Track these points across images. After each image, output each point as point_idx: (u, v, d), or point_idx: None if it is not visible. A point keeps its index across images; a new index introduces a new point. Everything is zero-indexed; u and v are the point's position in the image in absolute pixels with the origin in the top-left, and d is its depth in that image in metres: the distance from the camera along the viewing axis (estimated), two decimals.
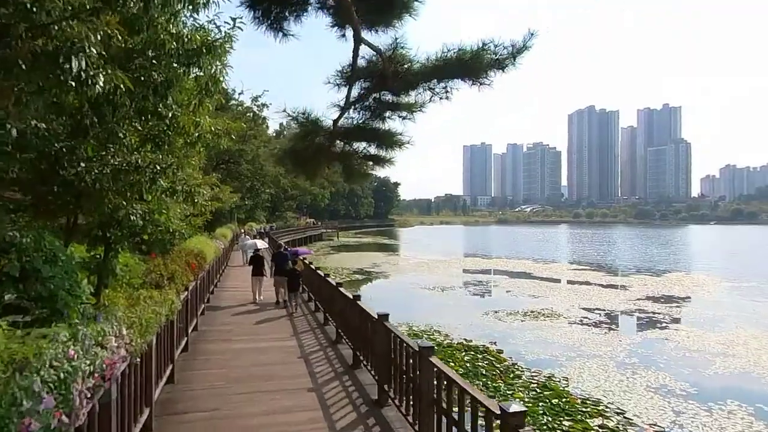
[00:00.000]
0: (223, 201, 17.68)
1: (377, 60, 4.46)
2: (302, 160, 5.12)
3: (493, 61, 4.35)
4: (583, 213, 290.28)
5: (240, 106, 32.78)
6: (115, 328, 3.67)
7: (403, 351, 5.05)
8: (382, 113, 4.86)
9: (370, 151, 5.14)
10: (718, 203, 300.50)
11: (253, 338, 8.57)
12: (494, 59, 4.34)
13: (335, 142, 5.05)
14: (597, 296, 22.36)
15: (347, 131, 4.92)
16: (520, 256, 45.91)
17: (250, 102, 32.36)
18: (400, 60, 4.41)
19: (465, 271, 32.64)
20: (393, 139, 4.92)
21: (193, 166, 13.63)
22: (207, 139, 8.51)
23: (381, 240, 75.03)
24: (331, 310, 9.44)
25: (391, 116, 4.94)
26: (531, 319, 17.37)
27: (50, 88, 3.92)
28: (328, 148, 5.00)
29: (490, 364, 11.97)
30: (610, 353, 13.13)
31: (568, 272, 32.04)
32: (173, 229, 10.30)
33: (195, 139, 8.07)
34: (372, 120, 4.94)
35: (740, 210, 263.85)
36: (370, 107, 4.89)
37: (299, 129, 4.95)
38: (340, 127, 4.87)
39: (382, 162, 5.12)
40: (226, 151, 29.48)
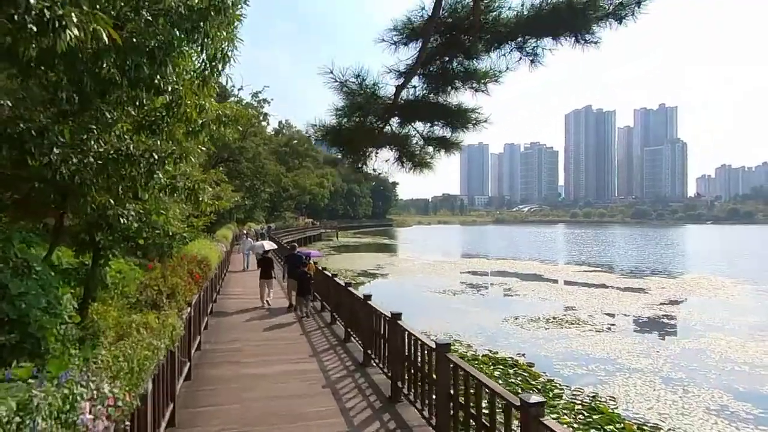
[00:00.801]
0: (224, 200, 16.45)
1: (459, 6, 3.29)
2: (347, 141, 3.93)
3: (615, 6, 3.17)
4: (580, 213, 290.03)
5: (239, 103, 31.55)
6: (93, 385, 2.46)
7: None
8: (450, 83, 3.68)
9: (435, 132, 3.96)
10: (715, 203, 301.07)
11: (266, 360, 7.34)
12: (617, 3, 3.16)
13: (390, 119, 3.86)
14: (617, 300, 21.24)
15: (410, 105, 3.72)
16: (526, 257, 44.81)
17: (251, 98, 31.06)
18: (490, 4, 3.24)
19: (473, 273, 31.47)
20: (468, 116, 3.74)
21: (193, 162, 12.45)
22: (212, 129, 7.31)
23: (381, 240, 73.84)
24: (356, 326, 8.25)
25: (460, 87, 3.76)
26: (555, 326, 16.22)
27: None
28: (380, 130, 3.83)
29: (524, 380, 10.80)
30: (651, 366, 11.99)
31: (579, 274, 30.94)
32: (173, 233, 9.06)
33: (198, 127, 6.86)
34: (436, 93, 3.77)
35: (736, 210, 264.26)
36: (435, 75, 3.70)
37: (346, 100, 3.75)
38: (401, 100, 3.67)
39: (450, 147, 3.95)
40: (225, 148, 28.21)
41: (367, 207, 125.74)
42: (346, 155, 4.07)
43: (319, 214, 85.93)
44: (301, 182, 47.08)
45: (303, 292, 11.61)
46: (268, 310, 12.08)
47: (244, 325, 10.06)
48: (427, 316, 17.40)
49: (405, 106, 3.71)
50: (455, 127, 3.82)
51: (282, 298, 13.38)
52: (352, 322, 8.48)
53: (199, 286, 6.93)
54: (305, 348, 8.16)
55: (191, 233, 10.34)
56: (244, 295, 14.01)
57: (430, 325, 15.77)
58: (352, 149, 4.02)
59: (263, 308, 12.28)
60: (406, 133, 4.01)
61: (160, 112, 6.34)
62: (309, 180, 50.35)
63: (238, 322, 10.26)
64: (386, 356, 6.31)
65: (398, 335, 5.75)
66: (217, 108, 7.04)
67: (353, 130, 3.76)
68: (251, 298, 13.56)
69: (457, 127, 3.80)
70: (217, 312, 11.33)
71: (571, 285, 25.96)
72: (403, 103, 3.68)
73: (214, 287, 11.82)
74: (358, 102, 3.62)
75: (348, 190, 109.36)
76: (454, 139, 3.90)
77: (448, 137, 3.92)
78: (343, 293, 9.38)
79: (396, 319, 5.89)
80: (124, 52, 4.51)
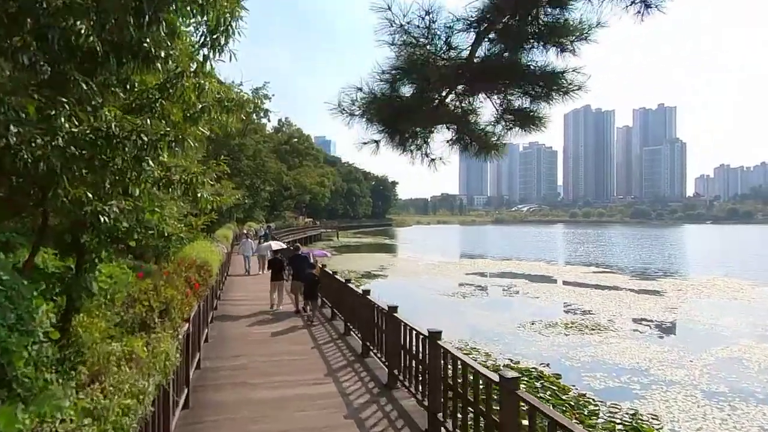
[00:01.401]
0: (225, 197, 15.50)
1: None
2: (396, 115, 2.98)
3: None
4: (579, 213, 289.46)
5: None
6: None
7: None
8: (533, 39, 2.74)
9: (513, 104, 3.02)
10: (714, 203, 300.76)
11: (275, 380, 6.39)
12: None
13: (457, 86, 2.92)
14: (635, 303, 20.34)
15: (484, 67, 2.77)
16: (531, 258, 43.90)
17: (251, 94, 29.98)
18: None
19: (479, 275, 30.53)
20: (558, 81, 2.81)
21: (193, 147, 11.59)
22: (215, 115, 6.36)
23: (381, 240, 72.89)
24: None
25: (542, 46, 2.83)
26: (575, 332, 15.30)
27: None
28: (442, 101, 2.90)
29: (554, 395, 9.88)
30: (688, 379, 11.07)
31: (590, 276, 30.03)
32: (168, 233, 8.11)
33: (198, 112, 5.92)
34: (512, 52, 2.84)
35: (736, 210, 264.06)
36: (511, 32, 2.76)
37: (402, 55, 2.80)
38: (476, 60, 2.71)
39: (532, 123, 3.01)
40: (224, 145, 27.24)
41: (366, 207, 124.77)
42: (393, 134, 3.14)
43: (319, 213, 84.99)
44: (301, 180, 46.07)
45: (310, 296, 10.96)
46: (273, 315, 11.30)
47: (249, 336, 9.11)
48: (438, 322, 16.42)
49: (477, 69, 2.77)
50: (538, 97, 2.89)
51: (289, 303, 12.47)
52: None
53: (199, 297, 5.98)
54: (319, 365, 7.21)
55: (189, 234, 9.39)
56: (246, 301, 13.08)
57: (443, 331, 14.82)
58: (402, 126, 3.06)
59: (268, 313, 11.56)
60: (470, 107, 3.07)
61: (153, 94, 5.41)
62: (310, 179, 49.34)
63: (242, 333, 9.31)
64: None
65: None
66: (219, 89, 6.10)
67: (407, 100, 2.83)
68: (254, 303, 12.69)
69: (540, 97, 2.87)
70: (218, 320, 10.38)
71: (584, 287, 25.04)
72: (477, 63, 2.74)
73: (214, 293, 10.88)
74: (419, 58, 2.68)
75: (348, 190, 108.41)
76: (538, 112, 2.97)
77: (530, 110, 2.98)
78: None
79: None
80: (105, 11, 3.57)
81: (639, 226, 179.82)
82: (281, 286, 12.34)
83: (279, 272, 12.33)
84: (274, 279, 12.28)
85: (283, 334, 9.48)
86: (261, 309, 11.98)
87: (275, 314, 11.44)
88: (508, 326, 16.08)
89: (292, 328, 9.99)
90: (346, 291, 9.61)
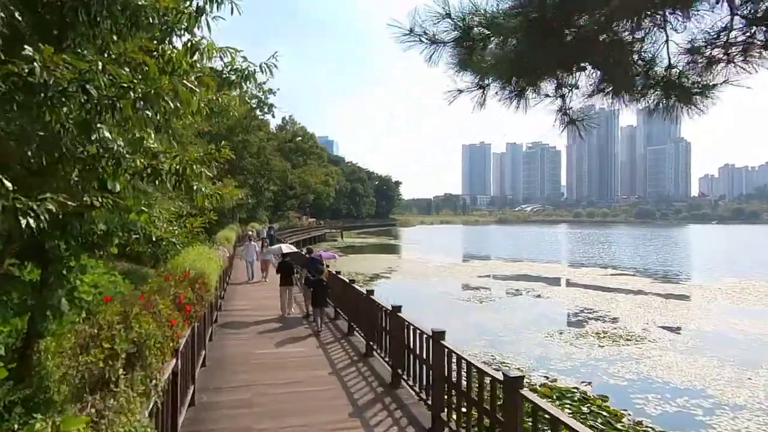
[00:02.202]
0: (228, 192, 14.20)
1: None
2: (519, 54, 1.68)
3: None
4: (584, 212, 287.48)
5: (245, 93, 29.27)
6: None
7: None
8: None
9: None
10: (719, 202, 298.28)
11: (287, 424, 5.07)
12: None
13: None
14: (665, 310, 18.97)
15: None
16: (543, 259, 42.54)
17: (256, 89, 28.63)
18: None
19: (493, 277, 29.17)
20: None
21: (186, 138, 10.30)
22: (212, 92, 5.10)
23: (386, 240, 71.58)
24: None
25: None
26: (610, 343, 13.96)
27: None
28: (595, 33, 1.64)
29: (606, 422, 8.55)
30: (754, 401, 9.72)
31: (609, 279, 28.65)
32: (157, 237, 6.81)
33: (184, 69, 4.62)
34: None
35: (742, 209, 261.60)
36: None
37: None
38: None
39: None
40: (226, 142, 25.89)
41: (370, 207, 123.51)
42: (509, 78, 1.90)
43: (323, 213, 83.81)
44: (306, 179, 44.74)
45: (318, 303, 10.08)
46: (279, 325, 10.33)
47: (252, 356, 7.79)
48: (456, 330, 15.15)
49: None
50: None
51: (297, 312, 11.21)
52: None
53: (193, 319, 4.67)
54: (341, 399, 5.90)
55: (183, 237, 8.10)
56: (249, 311, 11.80)
57: (465, 343, 13.52)
58: (524, 65, 1.79)
59: (274, 322, 10.59)
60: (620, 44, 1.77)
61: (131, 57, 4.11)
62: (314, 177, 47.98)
63: (245, 353, 7.99)
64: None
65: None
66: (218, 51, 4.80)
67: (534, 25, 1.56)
68: (257, 313, 11.51)
69: None
70: (218, 335, 9.08)
71: (606, 291, 23.65)
72: None
73: (215, 305, 9.59)
74: None
75: (351, 189, 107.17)
76: None
77: None
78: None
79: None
80: None
81: (644, 226, 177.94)
82: (291, 291, 11.74)
83: (289, 276, 11.72)
84: (284, 283, 11.60)
85: (292, 351, 8.23)
86: (265, 319, 10.87)
87: (281, 323, 10.47)
88: (536, 336, 14.75)
89: (301, 343, 8.80)
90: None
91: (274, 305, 11.98)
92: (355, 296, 9.08)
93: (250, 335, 9.38)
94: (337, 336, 9.20)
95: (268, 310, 11.72)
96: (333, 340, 8.96)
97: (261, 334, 9.47)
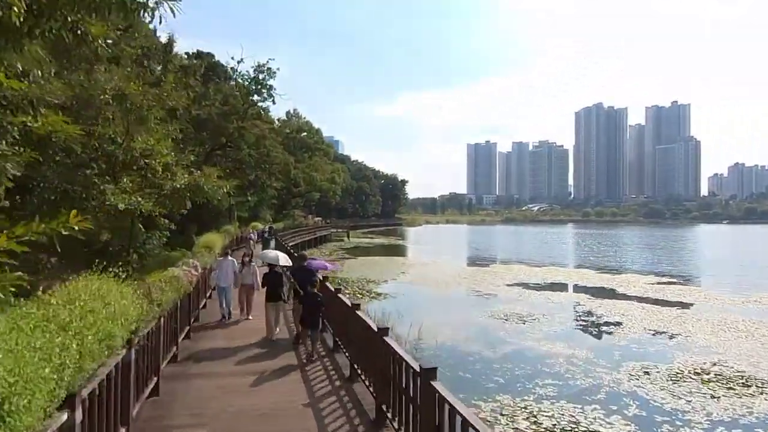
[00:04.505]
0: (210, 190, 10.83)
1: None
2: None
3: None
4: (592, 212, 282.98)
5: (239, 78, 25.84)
6: None
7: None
8: None
9: None
10: (730, 202, 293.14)
11: None
12: None
13: None
14: (761, 335, 15.35)
15: None
16: (571, 263, 39.02)
17: (253, 71, 25.10)
18: None
19: (524, 286, 25.60)
20: None
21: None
22: None
23: (394, 241, 68.23)
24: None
25: None
26: (725, 391, 10.41)
27: None
28: None
29: None
30: None
31: (660, 288, 25.01)
32: None
33: None
34: None
35: (754, 209, 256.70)
36: None
37: None
38: None
39: None
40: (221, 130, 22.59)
41: (376, 206, 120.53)
42: None
43: (329, 212, 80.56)
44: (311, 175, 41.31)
45: (310, 324, 8.14)
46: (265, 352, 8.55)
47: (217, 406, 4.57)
48: (504, 367, 11.71)
49: None
50: None
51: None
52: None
53: None
54: None
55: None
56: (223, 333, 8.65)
57: (520, 390, 10.05)
58: None
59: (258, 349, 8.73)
60: None
61: None
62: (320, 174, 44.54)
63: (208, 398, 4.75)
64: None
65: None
66: None
67: None
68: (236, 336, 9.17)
69: None
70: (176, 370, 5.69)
71: (668, 306, 20.07)
72: None
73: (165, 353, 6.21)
74: None
75: (357, 188, 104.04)
76: None
77: None
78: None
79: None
80: None
81: (654, 226, 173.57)
82: (278, 307, 9.80)
83: (276, 289, 9.76)
84: (270, 299, 9.65)
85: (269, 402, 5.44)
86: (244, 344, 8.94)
87: (265, 350, 8.65)
88: (616, 377, 11.23)
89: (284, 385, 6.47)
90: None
91: (256, 326, 9.98)
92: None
93: (220, 372, 7.13)
94: (334, 379, 6.92)
95: (250, 333, 9.69)
96: (327, 387, 6.59)
97: (233, 374, 7.14)
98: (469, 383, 10.78)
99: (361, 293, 21.93)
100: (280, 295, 9.79)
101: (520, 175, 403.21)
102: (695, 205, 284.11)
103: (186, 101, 20.02)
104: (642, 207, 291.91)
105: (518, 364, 12.10)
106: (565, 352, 13.28)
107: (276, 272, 10.08)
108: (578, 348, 13.69)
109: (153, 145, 11.17)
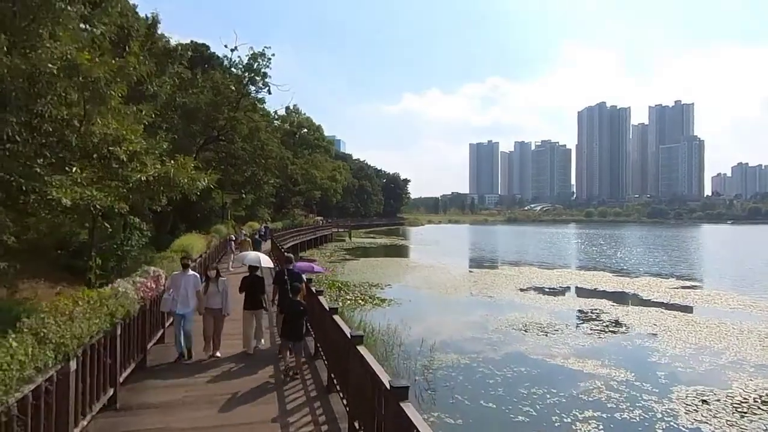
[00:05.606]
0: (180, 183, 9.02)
1: None
2: None
3: None
4: (595, 212, 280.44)
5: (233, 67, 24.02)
6: None
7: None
8: None
9: None
10: (733, 202, 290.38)
11: None
12: None
13: None
14: None
15: None
16: (585, 266, 37.13)
17: (247, 59, 23.23)
18: None
19: (539, 291, 23.76)
20: None
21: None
22: None
23: (397, 241, 66.39)
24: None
25: None
26: None
27: None
28: None
29: None
30: None
31: (693, 295, 23.13)
32: None
33: None
34: None
35: (758, 209, 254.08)
36: None
37: None
38: None
39: None
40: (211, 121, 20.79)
41: (378, 205, 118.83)
42: None
43: (330, 211, 78.77)
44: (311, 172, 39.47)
45: (293, 336, 7.04)
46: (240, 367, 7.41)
47: None
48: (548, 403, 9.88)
49: None
50: None
51: None
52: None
53: None
54: None
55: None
56: None
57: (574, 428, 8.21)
58: None
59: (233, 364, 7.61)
60: None
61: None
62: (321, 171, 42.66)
63: None
64: None
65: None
66: None
67: None
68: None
69: None
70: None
71: (705, 315, 18.21)
72: None
73: None
74: None
75: (359, 187, 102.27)
76: None
77: None
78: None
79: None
80: None
81: (658, 226, 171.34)
82: (259, 316, 8.60)
83: (256, 296, 8.52)
84: (249, 307, 8.39)
85: None
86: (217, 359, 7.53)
87: (242, 365, 7.51)
88: (667, 406, 9.41)
89: None
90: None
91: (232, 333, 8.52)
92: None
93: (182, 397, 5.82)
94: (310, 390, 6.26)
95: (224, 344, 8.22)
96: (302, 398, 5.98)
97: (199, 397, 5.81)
98: (495, 417, 8.96)
99: (363, 299, 20.09)
100: (261, 302, 8.60)
101: (522, 174, 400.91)
102: (699, 205, 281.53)
103: (171, 88, 18.22)
104: (645, 207, 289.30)
105: (549, 389, 10.27)
106: (600, 373, 11.43)
107: (257, 276, 8.78)
108: (614, 367, 11.85)
109: (118, 130, 9.31)
